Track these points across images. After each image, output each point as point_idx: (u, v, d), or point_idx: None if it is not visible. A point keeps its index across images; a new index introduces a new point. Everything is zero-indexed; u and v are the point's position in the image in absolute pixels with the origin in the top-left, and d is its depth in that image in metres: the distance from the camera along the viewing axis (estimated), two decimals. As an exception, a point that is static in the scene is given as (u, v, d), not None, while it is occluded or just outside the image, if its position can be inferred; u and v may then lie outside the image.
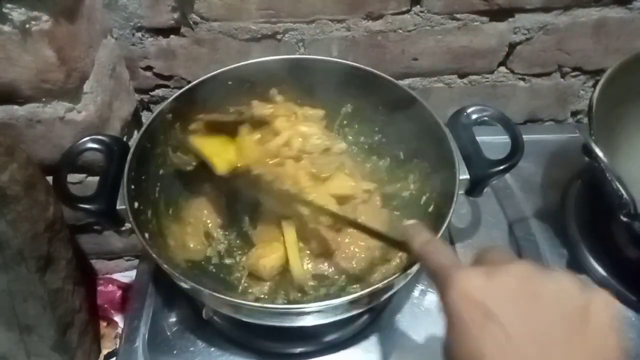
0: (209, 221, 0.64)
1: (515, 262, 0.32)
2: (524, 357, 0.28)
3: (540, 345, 0.28)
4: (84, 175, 0.73)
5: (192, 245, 0.62)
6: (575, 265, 0.68)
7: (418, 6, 0.73)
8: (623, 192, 0.54)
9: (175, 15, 0.71)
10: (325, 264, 0.60)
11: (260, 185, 0.59)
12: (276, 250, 0.59)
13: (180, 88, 0.63)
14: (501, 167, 0.56)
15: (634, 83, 0.66)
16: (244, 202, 0.64)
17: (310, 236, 0.60)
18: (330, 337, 0.60)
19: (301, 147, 0.63)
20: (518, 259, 0.34)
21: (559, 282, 0.31)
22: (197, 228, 0.63)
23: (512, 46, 0.80)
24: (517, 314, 0.29)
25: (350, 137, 0.72)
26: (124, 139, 0.76)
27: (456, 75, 0.84)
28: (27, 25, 0.54)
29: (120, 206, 0.53)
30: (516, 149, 0.57)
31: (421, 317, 0.63)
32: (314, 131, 0.65)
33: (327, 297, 0.57)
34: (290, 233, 0.60)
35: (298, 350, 0.60)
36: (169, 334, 0.61)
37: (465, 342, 0.30)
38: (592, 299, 0.30)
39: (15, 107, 0.63)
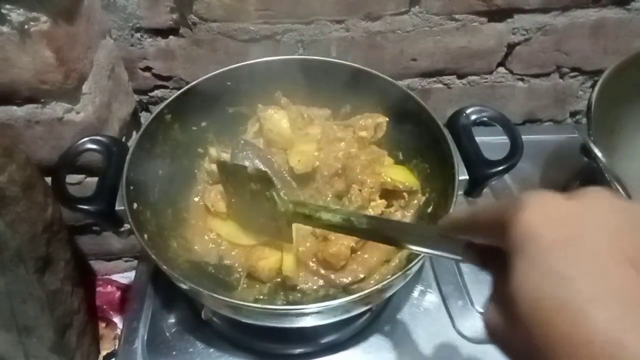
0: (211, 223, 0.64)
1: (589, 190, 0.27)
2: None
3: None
4: (83, 176, 0.73)
5: (198, 247, 0.62)
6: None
7: (417, 7, 0.73)
8: (622, 192, 0.54)
9: (174, 16, 0.71)
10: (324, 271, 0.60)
11: None
12: (276, 252, 0.59)
13: (179, 89, 0.63)
14: (500, 168, 0.56)
15: (632, 83, 0.66)
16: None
17: (323, 250, 0.59)
18: (329, 338, 0.60)
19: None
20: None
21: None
22: (203, 230, 0.63)
23: (511, 47, 0.81)
24: (612, 235, 0.23)
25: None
26: (123, 139, 0.76)
27: (455, 76, 0.84)
28: (26, 26, 0.54)
29: (119, 207, 0.53)
30: (515, 150, 0.57)
31: (420, 317, 0.63)
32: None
33: (327, 298, 0.56)
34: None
35: (297, 351, 0.60)
36: (168, 335, 0.61)
37: (549, 269, 0.23)
38: None
39: (14, 107, 0.62)
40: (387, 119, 0.66)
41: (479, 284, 0.66)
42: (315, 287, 0.59)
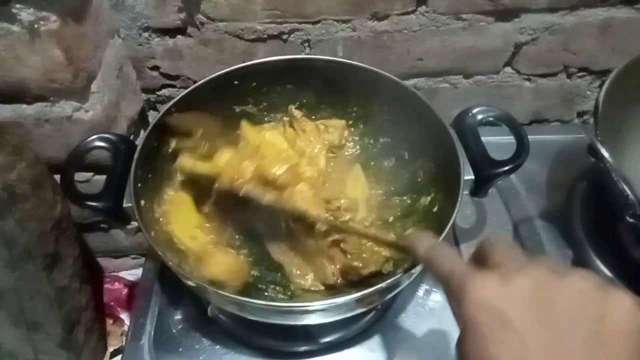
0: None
1: (530, 266, 0.32)
2: None
3: (558, 356, 0.28)
4: (91, 173, 0.74)
5: None
6: (581, 266, 0.67)
7: (423, 6, 0.73)
8: (629, 192, 0.54)
9: (182, 16, 0.72)
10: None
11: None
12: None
13: (186, 88, 0.63)
14: (506, 168, 0.56)
15: (640, 83, 0.66)
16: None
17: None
18: (334, 336, 0.60)
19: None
20: (531, 259, 0.33)
21: (576, 286, 0.30)
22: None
23: (518, 46, 0.80)
24: (534, 322, 0.29)
25: (356, 137, 0.72)
26: (131, 137, 0.77)
27: (461, 76, 0.84)
28: (36, 26, 0.55)
29: (126, 204, 0.53)
30: (521, 150, 0.57)
31: (425, 316, 0.63)
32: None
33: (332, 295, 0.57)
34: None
35: (302, 348, 0.60)
36: (174, 331, 0.62)
37: (482, 350, 0.29)
38: (613, 304, 0.29)
39: (24, 106, 0.63)
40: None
41: (484, 284, 0.66)
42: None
